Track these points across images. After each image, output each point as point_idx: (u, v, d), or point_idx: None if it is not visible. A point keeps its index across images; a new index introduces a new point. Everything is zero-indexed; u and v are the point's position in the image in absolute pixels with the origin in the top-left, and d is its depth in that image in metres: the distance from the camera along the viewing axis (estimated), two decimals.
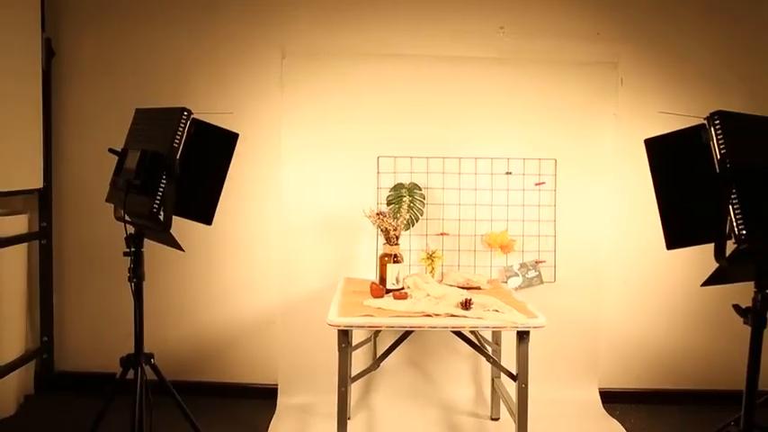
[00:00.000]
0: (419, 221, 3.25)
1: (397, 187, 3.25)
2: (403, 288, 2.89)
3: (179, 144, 2.01)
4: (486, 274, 3.30)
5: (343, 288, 3.00)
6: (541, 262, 3.33)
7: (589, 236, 3.33)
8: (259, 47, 3.27)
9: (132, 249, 2.13)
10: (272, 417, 3.17)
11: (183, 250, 2.13)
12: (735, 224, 1.62)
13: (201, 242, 3.35)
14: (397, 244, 2.91)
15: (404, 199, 3.07)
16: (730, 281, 1.77)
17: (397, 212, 3.08)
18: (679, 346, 3.41)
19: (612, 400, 3.40)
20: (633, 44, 3.30)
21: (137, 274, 2.15)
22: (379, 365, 2.69)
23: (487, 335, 3.21)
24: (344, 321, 2.43)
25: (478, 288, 3.03)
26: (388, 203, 3.24)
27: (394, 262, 2.89)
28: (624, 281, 3.39)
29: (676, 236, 1.73)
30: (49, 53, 3.21)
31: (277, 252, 3.33)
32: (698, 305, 3.35)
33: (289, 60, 3.26)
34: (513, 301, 2.76)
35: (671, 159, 1.76)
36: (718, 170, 1.65)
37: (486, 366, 3.26)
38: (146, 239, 2.19)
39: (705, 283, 1.74)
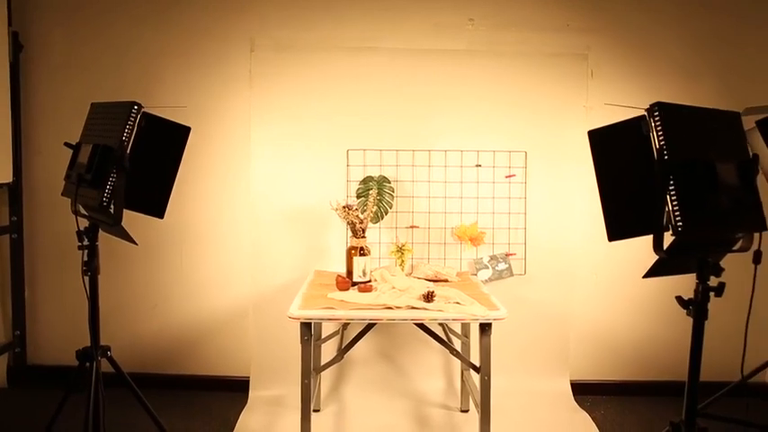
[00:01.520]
0: (388, 214, 3.25)
1: (367, 180, 3.25)
2: (370, 281, 2.90)
3: (129, 138, 2.01)
4: (457, 267, 3.31)
5: (312, 281, 3.01)
6: (512, 254, 3.33)
7: (559, 228, 3.33)
8: (228, 40, 3.26)
9: (86, 243, 2.12)
10: (243, 409, 3.19)
11: (136, 243, 2.13)
12: (672, 216, 1.62)
13: (172, 236, 3.36)
14: (363, 237, 2.91)
15: (370, 192, 3.07)
16: (672, 273, 1.77)
17: (365, 205, 3.09)
18: (649, 337, 3.42)
19: (583, 391, 3.41)
20: (604, 35, 3.29)
21: (91, 268, 2.15)
22: (342, 357, 2.70)
23: (456, 327, 3.22)
24: (304, 314, 2.44)
25: (446, 281, 3.03)
26: (358, 196, 3.24)
27: (360, 255, 2.89)
28: (594, 273, 3.39)
29: (617, 228, 1.73)
30: (17, 46, 3.21)
31: (248, 245, 3.34)
32: (668, 297, 3.32)
33: (257, 53, 3.25)
34: (478, 293, 2.76)
35: (613, 151, 1.76)
36: (656, 162, 1.64)
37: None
38: (101, 233, 2.20)
39: (646, 275, 1.74)
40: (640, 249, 2.98)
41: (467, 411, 3.18)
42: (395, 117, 3.27)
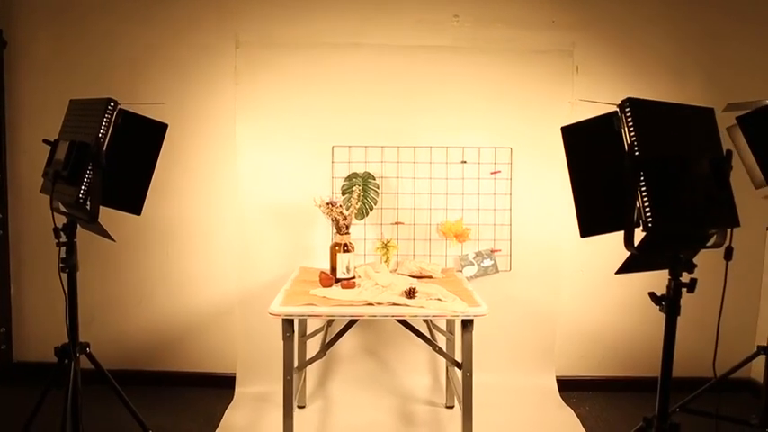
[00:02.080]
0: (373, 211, 3.25)
1: (352, 177, 3.25)
2: (354, 277, 2.90)
3: (105, 135, 2.01)
4: (442, 264, 3.31)
5: (296, 277, 3.01)
6: (497, 251, 3.33)
7: (545, 224, 3.33)
8: (212, 37, 3.26)
9: (64, 240, 2.13)
10: (229, 405, 3.19)
11: (113, 240, 2.13)
12: (642, 212, 1.62)
13: (158, 233, 3.36)
14: (347, 233, 2.91)
15: (353, 189, 3.07)
16: (644, 269, 1.77)
17: (349, 202, 3.09)
18: (635, 334, 3.42)
19: (569, 387, 3.42)
20: (589, 32, 3.28)
21: (69, 265, 2.15)
22: (325, 353, 2.70)
23: (442, 324, 3.23)
24: (285, 310, 2.45)
25: (430, 277, 3.04)
26: (343, 193, 3.24)
27: (344, 251, 2.89)
28: (581, 269, 3.39)
29: (589, 224, 1.73)
30: (1, 43, 3.20)
31: (234, 242, 3.34)
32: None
33: (242, 50, 3.25)
34: (461, 289, 2.76)
35: (586, 147, 1.76)
36: (626, 158, 1.64)
37: None
38: (81, 231, 2.20)
39: (618, 271, 1.74)
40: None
41: (452, 407, 3.19)
42: (380, 113, 3.27)
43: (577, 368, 3.48)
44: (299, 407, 3.20)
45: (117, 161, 2.05)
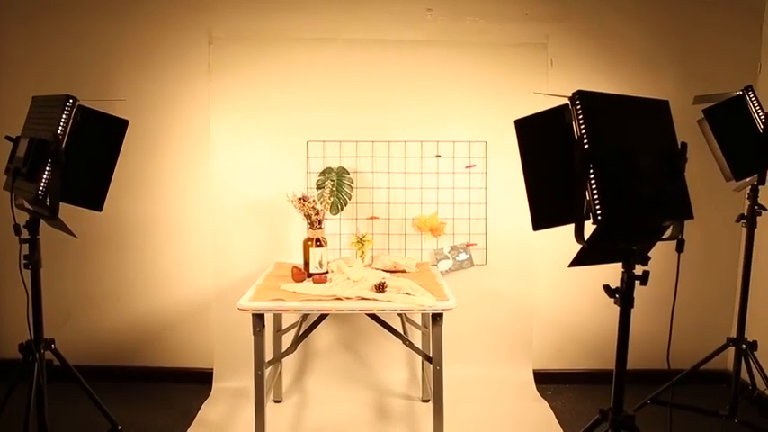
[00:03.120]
0: (348, 205, 3.25)
1: (326, 171, 3.25)
2: (327, 272, 2.91)
3: (64, 131, 2.01)
4: (417, 258, 3.31)
5: (270, 272, 3.02)
6: (472, 245, 3.33)
7: (520, 218, 3.33)
8: (185, 33, 3.25)
9: (27, 237, 2.13)
10: (205, 400, 3.21)
11: (75, 236, 2.14)
12: (592, 205, 1.62)
13: (135, 230, 3.37)
14: (320, 228, 2.92)
15: (326, 183, 3.07)
16: (598, 261, 1.77)
17: (323, 197, 3.09)
18: (611, 327, 3.39)
19: (547, 380, 3.44)
20: (563, 25, 3.28)
21: (32, 261, 2.16)
22: (296, 348, 2.71)
23: (417, 318, 3.24)
24: (253, 305, 2.46)
25: (404, 271, 3.04)
26: (318, 188, 3.24)
27: (317, 246, 2.90)
28: (557, 263, 3.39)
29: (541, 217, 1.74)
30: None
31: (210, 237, 3.35)
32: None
33: (216, 46, 3.24)
34: (432, 283, 2.77)
35: (538, 140, 1.76)
36: (576, 150, 1.64)
37: None
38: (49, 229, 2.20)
39: (571, 264, 1.74)
40: None
41: (428, 401, 3.19)
42: (354, 108, 3.26)
43: (554, 361, 3.49)
44: (276, 401, 3.21)
45: (77, 158, 2.05)
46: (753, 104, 2.44)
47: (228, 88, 3.25)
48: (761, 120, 2.43)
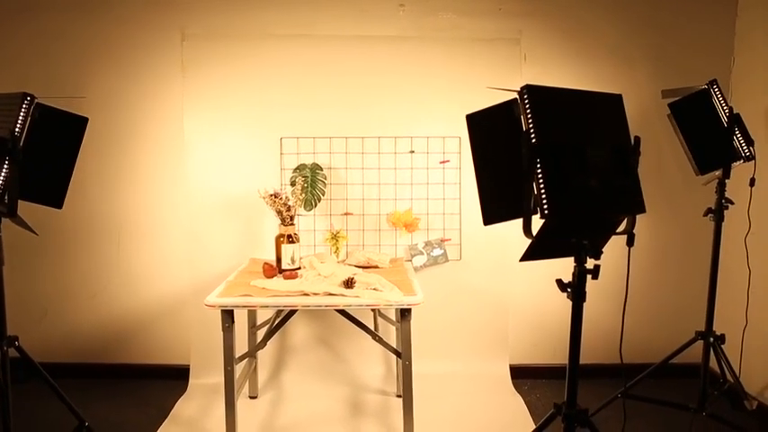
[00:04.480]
0: (321, 201, 3.25)
1: (300, 168, 3.25)
2: (299, 268, 2.91)
3: (21, 129, 2.01)
4: (392, 254, 3.32)
5: (244, 269, 3.03)
6: (447, 240, 3.34)
7: None
8: (158, 30, 3.24)
9: None
10: (181, 396, 3.22)
11: (36, 234, 2.14)
12: (539, 199, 1.62)
13: (110, 226, 3.37)
14: (291, 224, 2.92)
15: (297, 179, 3.07)
16: (549, 256, 1.77)
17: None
18: (587, 322, 3.41)
19: (523, 375, 3.45)
20: (536, 19, 3.27)
21: None
22: (265, 344, 2.72)
23: (390, 314, 3.24)
24: (219, 301, 2.46)
25: (377, 267, 3.05)
26: (292, 184, 3.24)
27: (289, 242, 2.90)
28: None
29: (491, 212, 1.74)
30: None
31: (186, 235, 3.35)
32: (603, 282, 3.35)
33: (189, 43, 3.24)
34: (402, 279, 2.77)
35: (488, 134, 1.76)
36: (523, 145, 1.65)
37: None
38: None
39: (522, 259, 1.74)
40: None
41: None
42: (328, 104, 3.26)
43: (530, 356, 3.49)
44: (251, 397, 3.22)
45: (36, 155, 2.05)
46: (717, 98, 2.44)
47: (202, 85, 3.25)
48: (725, 114, 2.42)
